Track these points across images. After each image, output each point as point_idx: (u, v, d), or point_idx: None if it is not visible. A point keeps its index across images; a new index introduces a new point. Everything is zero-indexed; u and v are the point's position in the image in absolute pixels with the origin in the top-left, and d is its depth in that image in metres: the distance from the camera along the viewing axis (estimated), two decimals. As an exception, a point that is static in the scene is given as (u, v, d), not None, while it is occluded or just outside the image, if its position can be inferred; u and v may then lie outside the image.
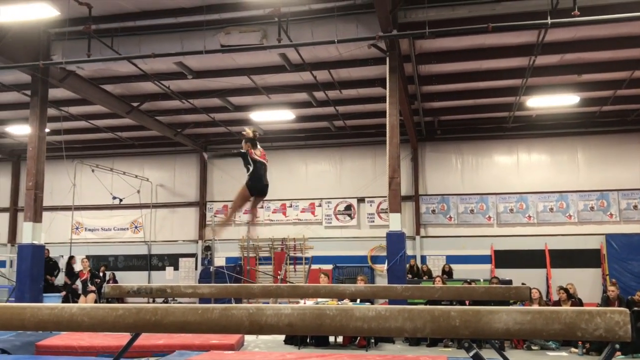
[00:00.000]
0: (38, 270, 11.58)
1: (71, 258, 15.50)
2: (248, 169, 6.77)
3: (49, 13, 9.50)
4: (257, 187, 6.81)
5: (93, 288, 12.53)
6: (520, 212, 16.55)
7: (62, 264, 16.29)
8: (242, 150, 6.83)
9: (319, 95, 14.35)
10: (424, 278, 14.47)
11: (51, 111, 13.61)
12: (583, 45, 11.63)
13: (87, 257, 14.06)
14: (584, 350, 9.43)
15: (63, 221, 17.44)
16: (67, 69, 12.05)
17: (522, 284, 9.41)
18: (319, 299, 9.92)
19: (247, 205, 7.26)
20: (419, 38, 10.90)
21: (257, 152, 6.83)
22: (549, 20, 9.04)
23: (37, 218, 11.68)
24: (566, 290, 10.84)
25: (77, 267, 14.59)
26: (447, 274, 14.97)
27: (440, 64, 12.66)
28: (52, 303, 5.27)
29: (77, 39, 11.17)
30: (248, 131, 6.95)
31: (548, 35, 10.74)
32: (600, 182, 16.21)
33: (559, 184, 16.42)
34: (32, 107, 11.97)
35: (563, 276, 14.32)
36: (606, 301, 10.57)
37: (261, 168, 6.78)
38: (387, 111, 10.89)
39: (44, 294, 12.32)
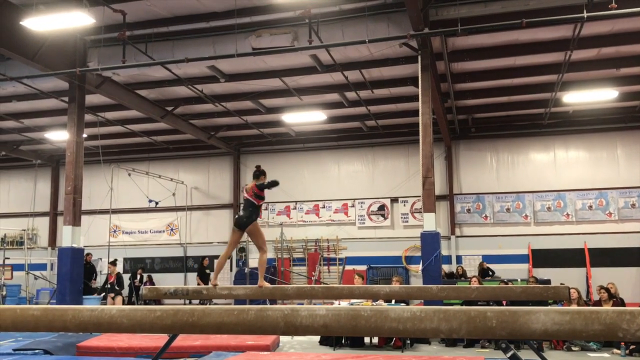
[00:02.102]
0: (78, 273, 11.85)
1: (203, 258, 16.84)
2: None
3: (85, 21, 9.68)
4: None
5: (119, 290, 13.46)
6: (558, 210, 16.21)
7: (100, 266, 16.69)
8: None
9: (351, 95, 14.32)
10: (462, 279, 14.25)
11: (88, 117, 13.89)
12: (621, 38, 11.34)
13: (125, 259, 14.49)
14: (627, 352, 9.19)
15: (101, 224, 17.77)
16: (103, 75, 12.33)
17: (561, 283, 9.22)
18: (354, 300, 9.91)
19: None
20: (451, 36, 10.78)
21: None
22: (585, 14, 8.82)
23: (76, 222, 11.95)
24: (607, 289, 10.57)
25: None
26: (484, 273, 14.66)
27: (473, 61, 12.50)
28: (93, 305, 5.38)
29: (112, 46, 11.43)
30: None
31: (584, 29, 10.49)
32: (641, 179, 15.79)
33: (598, 181, 16.02)
34: (70, 113, 12.26)
35: (604, 275, 13.99)
36: (649, 301, 10.30)
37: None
38: (420, 110, 10.81)
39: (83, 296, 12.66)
